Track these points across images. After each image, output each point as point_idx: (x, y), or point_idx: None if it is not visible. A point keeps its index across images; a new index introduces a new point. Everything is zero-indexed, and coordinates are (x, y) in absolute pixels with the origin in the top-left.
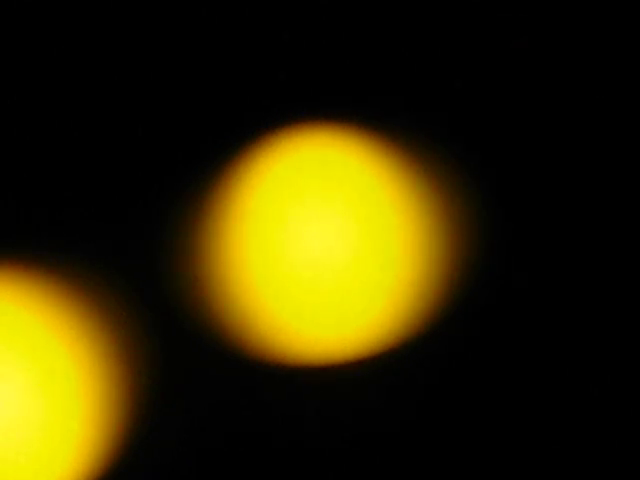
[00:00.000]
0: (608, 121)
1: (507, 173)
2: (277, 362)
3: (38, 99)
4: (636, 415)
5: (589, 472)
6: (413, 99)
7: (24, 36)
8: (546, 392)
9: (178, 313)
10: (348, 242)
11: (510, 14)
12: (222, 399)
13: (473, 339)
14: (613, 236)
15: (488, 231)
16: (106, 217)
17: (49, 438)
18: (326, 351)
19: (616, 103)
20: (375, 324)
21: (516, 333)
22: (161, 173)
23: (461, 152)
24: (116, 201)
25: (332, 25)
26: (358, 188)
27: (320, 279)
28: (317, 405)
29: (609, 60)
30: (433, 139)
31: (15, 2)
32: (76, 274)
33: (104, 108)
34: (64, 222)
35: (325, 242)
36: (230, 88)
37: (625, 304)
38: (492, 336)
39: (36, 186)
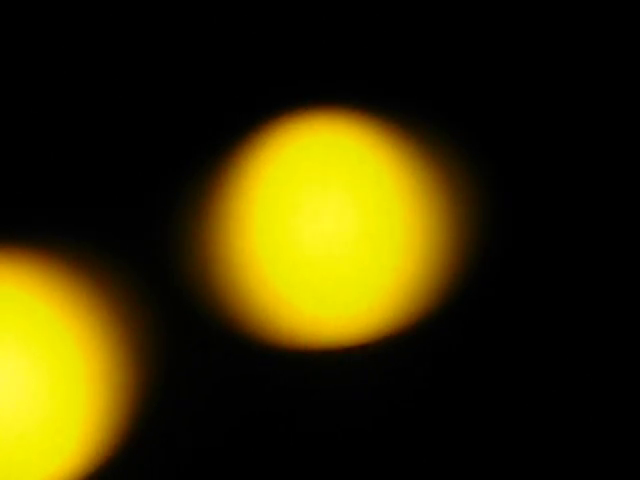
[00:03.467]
0: (608, 114)
1: (510, 159)
2: (285, 346)
3: (41, 91)
4: (634, 405)
5: (588, 464)
6: (417, 85)
7: (21, 28)
8: (546, 382)
9: (185, 298)
10: (353, 226)
11: (511, 7)
12: (228, 382)
13: (476, 323)
14: (614, 230)
15: (491, 216)
16: (113, 204)
17: (53, 421)
18: (332, 334)
19: (615, 96)
20: (380, 308)
21: (518, 318)
22: (166, 161)
23: (464, 137)
24: (122, 187)
25: (334, 10)
26: (362, 173)
27: (326, 263)
28: (323, 388)
29: (608, 54)
30: (436, 124)
31: None
32: (82, 260)
33: (109, 99)
34: (70, 208)
35: (330, 227)
36: (233, 76)
37: (627, 294)
38: (495, 320)
39: (42, 176)
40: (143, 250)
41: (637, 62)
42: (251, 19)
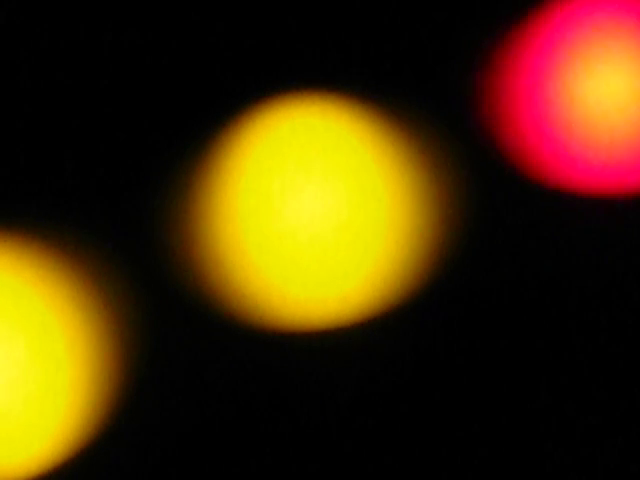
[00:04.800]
0: None
1: (494, 140)
2: (269, 327)
3: (31, 75)
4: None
5: (583, 437)
6: (401, 68)
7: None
8: (533, 363)
9: (171, 282)
10: (338, 208)
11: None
12: (213, 366)
13: (461, 305)
14: (595, 211)
15: (475, 197)
16: (97, 187)
17: (37, 403)
18: (316, 316)
19: None
20: (365, 290)
21: (503, 299)
22: (152, 144)
23: (448, 121)
24: (108, 171)
25: None
26: (347, 156)
27: (311, 245)
28: (309, 370)
29: None
30: (421, 109)
31: None
32: (67, 243)
33: (97, 83)
34: (54, 191)
35: (315, 208)
36: (216, 61)
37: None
38: (480, 301)
39: (29, 159)
40: (128, 234)
41: None
42: (236, 3)
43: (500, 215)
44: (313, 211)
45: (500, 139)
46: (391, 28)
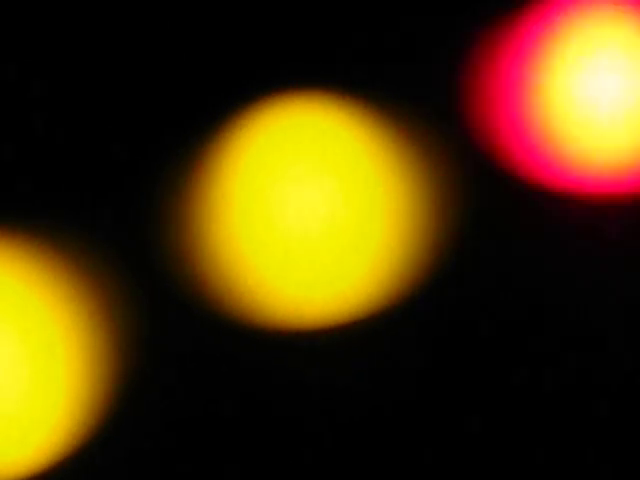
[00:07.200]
0: None
1: (491, 138)
2: (265, 326)
3: (30, 76)
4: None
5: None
6: (396, 66)
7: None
8: (532, 359)
9: (168, 279)
10: (335, 207)
11: None
12: (210, 364)
13: (459, 301)
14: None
15: (473, 195)
16: (95, 187)
17: (37, 402)
18: (312, 315)
19: None
20: (362, 287)
21: (503, 296)
22: (148, 142)
23: (444, 119)
24: (106, 170)
25: None
26: (343, 154)
27: (307, 244)
28: (305, 369)
29: None
30: (419, 107)
31: None
32: (67, 243)
33: (94, 86)
34: (53, 191)
35: (312, 207)
36: (213, 59)
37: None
38: (477, 298)
39: (28, 159)
40: (125, 232)
41: None
42: (234, 3)
43: (495, 214)
44: (310, 210)
45: (493, 140)
46: (387, 28)
